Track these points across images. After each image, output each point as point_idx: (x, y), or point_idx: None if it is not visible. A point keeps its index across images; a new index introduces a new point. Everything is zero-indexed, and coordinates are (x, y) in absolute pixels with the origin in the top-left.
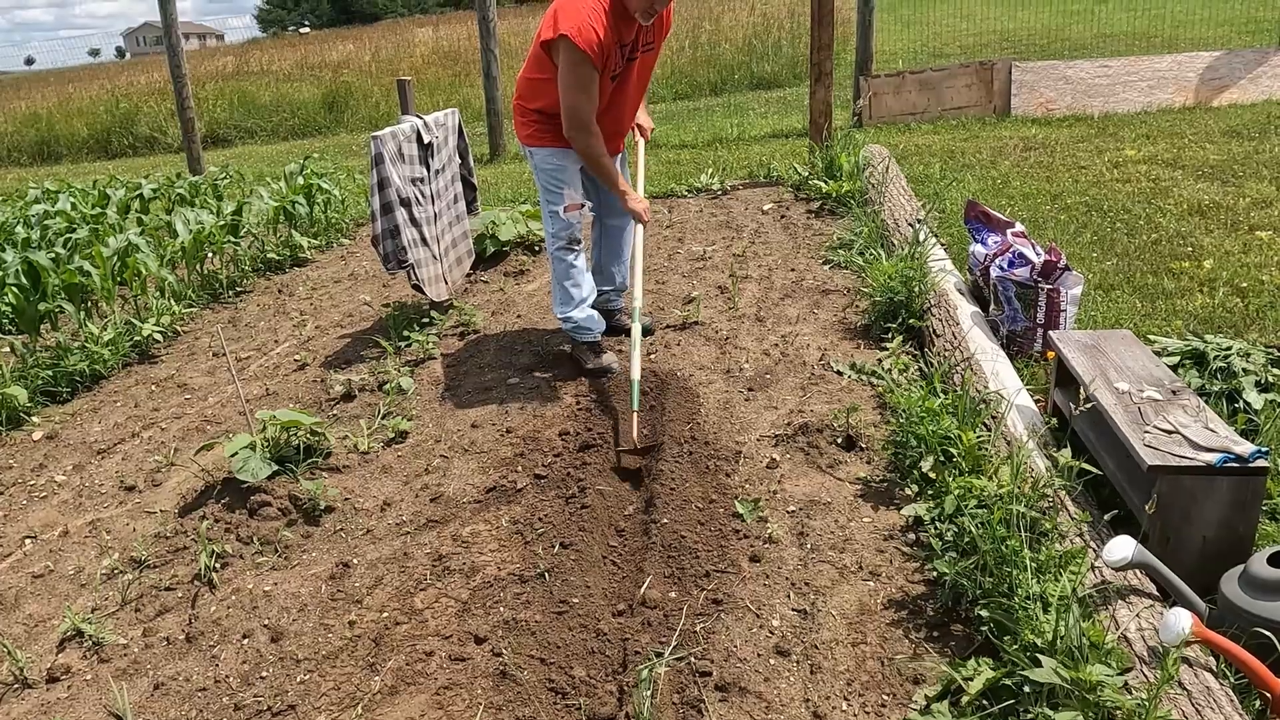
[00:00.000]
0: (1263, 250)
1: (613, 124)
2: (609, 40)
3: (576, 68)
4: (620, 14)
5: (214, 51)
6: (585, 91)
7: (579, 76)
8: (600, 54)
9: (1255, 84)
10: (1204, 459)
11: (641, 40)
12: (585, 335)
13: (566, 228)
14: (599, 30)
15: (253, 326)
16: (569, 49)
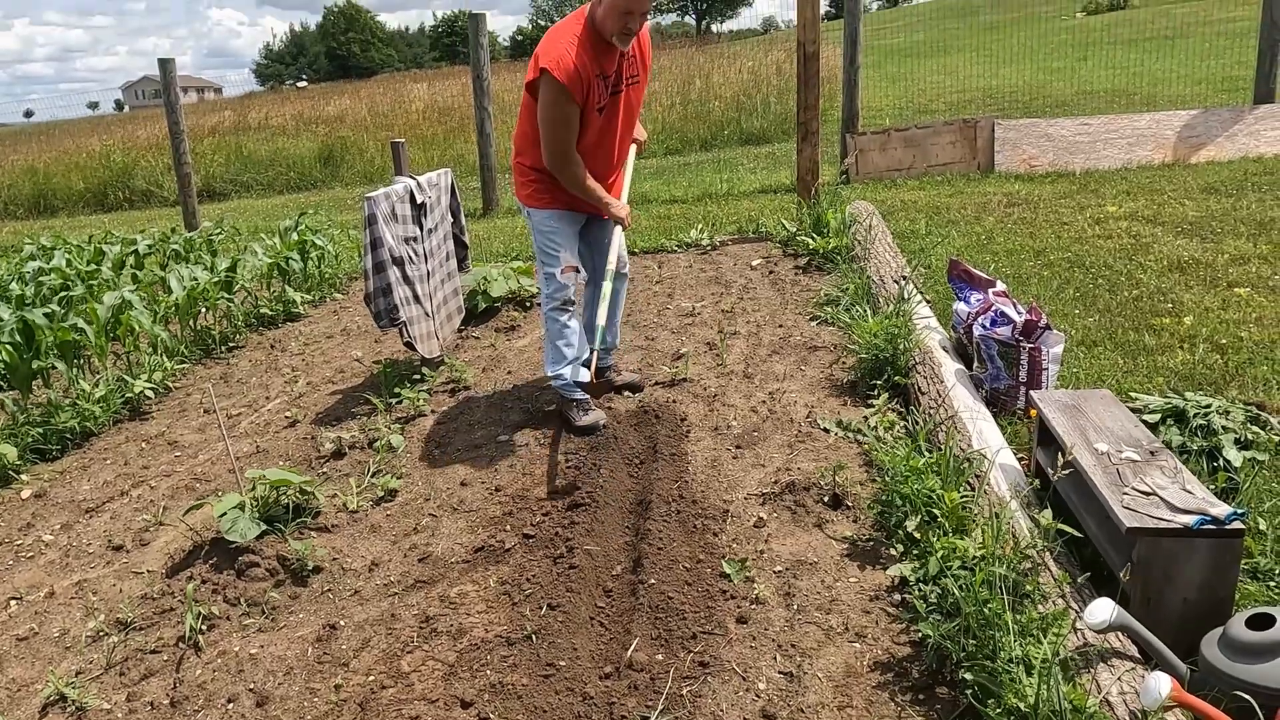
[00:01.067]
0: (1241, 307)
1: (603, 161)
2: (588, 72)
3: (556, 101)
4: (597, 44)
5: (212, 105)
6: (565, 124)
7: (560, 110)
8: (580, 85)
9: (1231, 141)
10: (1181, 521)
11: (626, 73)
12: (575, 393)
13: (561, 289)
14: (577, 62)
15: (244, 382)
16: (548, 83)
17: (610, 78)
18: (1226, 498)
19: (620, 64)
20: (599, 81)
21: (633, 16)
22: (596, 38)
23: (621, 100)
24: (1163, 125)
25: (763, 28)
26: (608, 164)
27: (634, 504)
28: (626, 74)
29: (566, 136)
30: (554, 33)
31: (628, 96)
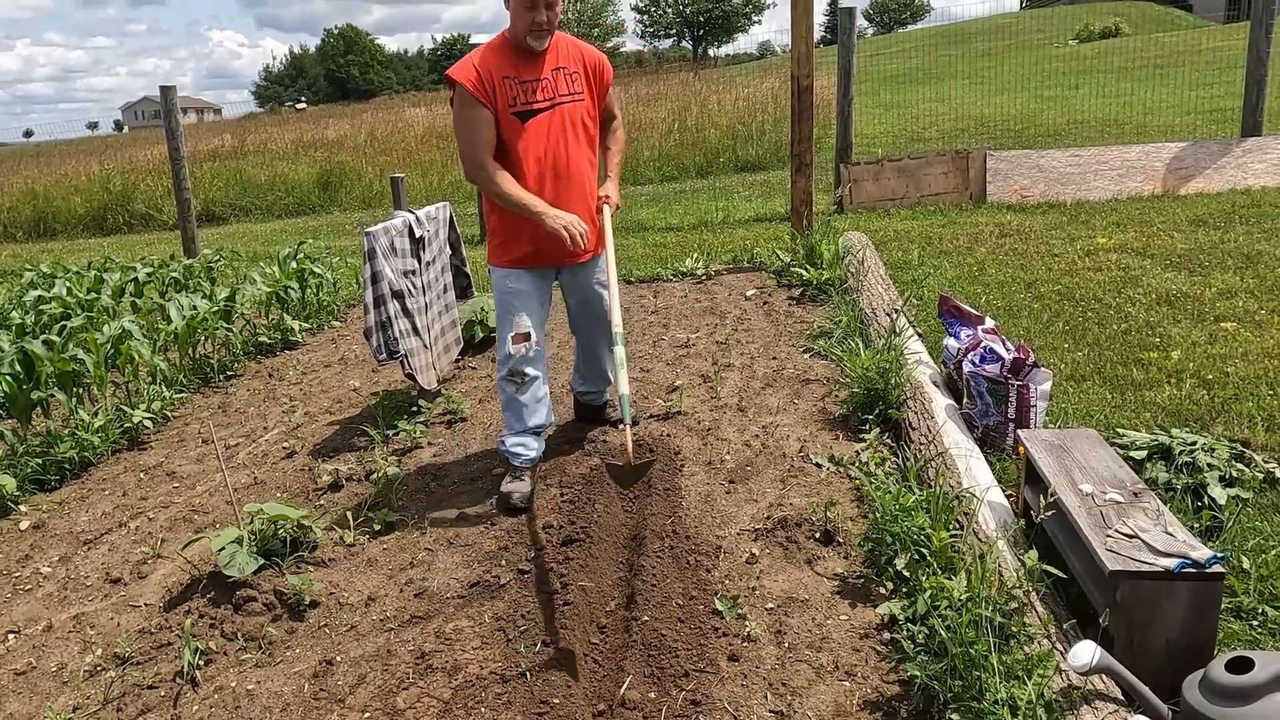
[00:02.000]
0: (1228, 342)
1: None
2: (492, 72)
3: (460, 107)
4: (514, 50)
5: (212, 127)
6: (471, 127)
7: (463, 114)
8: (483, 85)
9: (1220, 174)
10: (1163, 564)
11: (564, 86)
12: (511, 459)
13: (509, 359)
14: (478, 63)
15: (242, 412)
16: (454, 91)
17: (533, 83)
18: (1211, 536)
19: (551, 75)
20: (510, 84)
21: (537, 9)
22: (512, 45)
23: (563, 115)
24: (1152, 157)
25: (759, 52)
26: (564, 187)
27: (628, 539)
28: (566, 87)
29: (474, 140)
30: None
31: (572, 113)
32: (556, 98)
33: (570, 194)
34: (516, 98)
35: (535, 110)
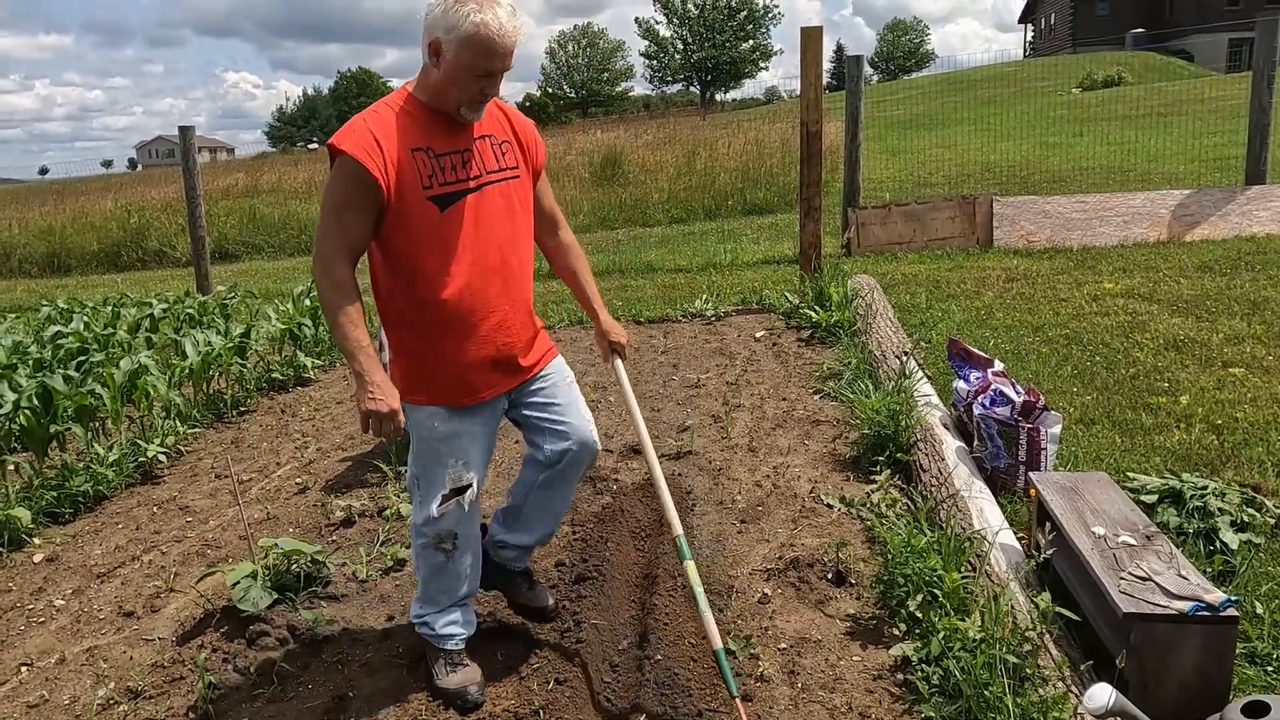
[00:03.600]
0: (1236, 387)
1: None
2: (394, 141)
3: (338, 183)
4: (426, 117)
5: (226, 166)
6: (342, 219)
7: (338, 197)
8: (378, 160)
9: (1225, 221)
10: (1176, 607)
11: (495, 161)
12: (445, 643)
13: (433, 523)
14: (376, 130)
15: (255, 448)
16: (333, 161)
17: (453, 157)
18: (1224, 580)
19: (477, 146)
20: (424, 158)
21: (493, 79)
22: (424, 111)
23: (496, 196)
24: (1157, 204)
25: (765, 97)
26: (502, 292)
27: (640, 578)
28: (496, 161)
29: (338, 231)
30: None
31: (506, 193)
32: (484, 174)
33: (512, 300)
34: (433, 176)
35: (457, 193)
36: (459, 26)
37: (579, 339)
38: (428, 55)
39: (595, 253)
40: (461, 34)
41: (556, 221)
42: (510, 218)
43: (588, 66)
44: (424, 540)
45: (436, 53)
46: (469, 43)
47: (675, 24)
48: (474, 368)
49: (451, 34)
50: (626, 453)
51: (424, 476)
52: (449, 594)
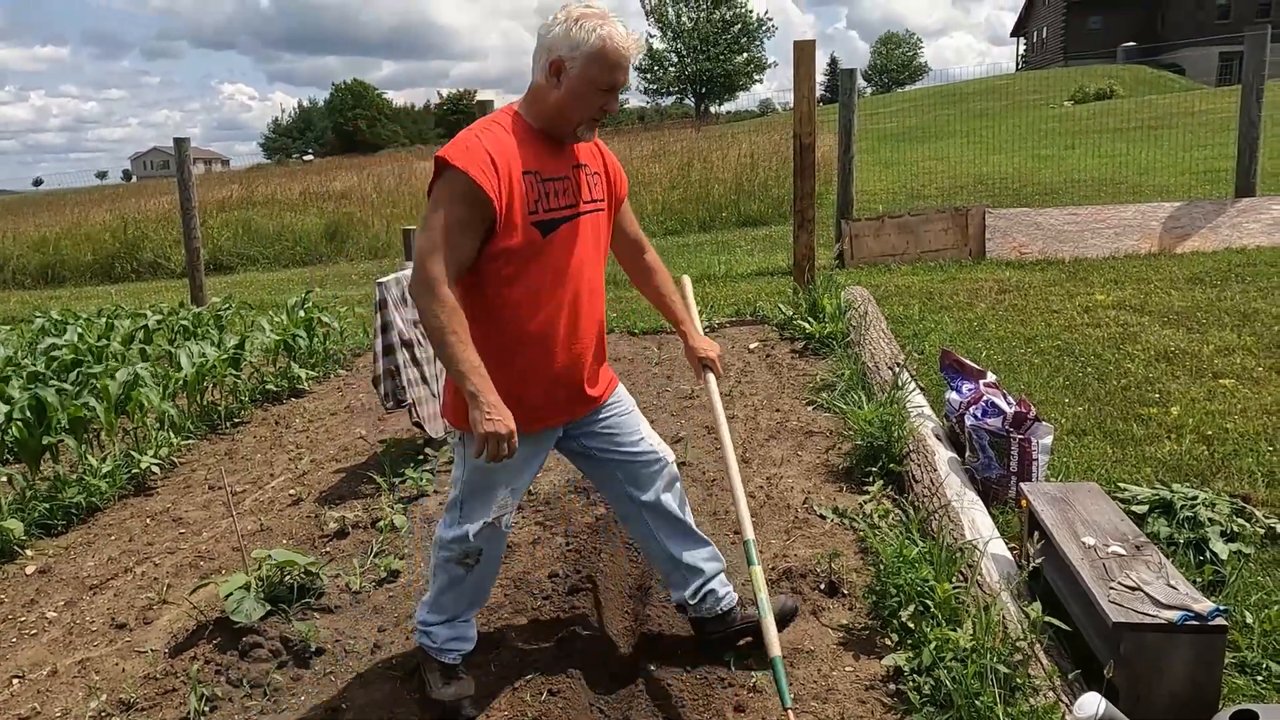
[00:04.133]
0: (1226, 398)
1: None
2: (510, 161)
3: (448, 200)
4: (534, 138)
5: (220, 177)
6: (452, 236)
7: (448, 215)
8: (494, 180)
9: (1215, 233)
10: (1165, 617)
11: (588, 192)
12: (444, 656)
13: (463, 541)
14: (492, 148)
15: (249, 459)
16: (442, 178)
17: (557, 184)
18: (1214, 590)
19: (574, 173)
20: (532, 180)
21: (614, 94)
22: (535, 130)
23: (585, 229)
24: (1148, 216)
25: (760, 109)
26: (583, 324)
27: (634, 589)
28: (588, 192)
29: (447, 246)
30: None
31: (594, 225)
32: (580, 204)
33: (589, 332)
34: (539, 201)
35: (559, 219)
36: (586, 43)
37: None
38: (546, 75)
39: None
40: (589, 50)
41: (642, 245)
42: (596, 248)
43: None
44: (448, 554)
45: (558, 71)
46: (596, 58)
47: (670, 37)
48: (546, 395)
49: (577, 51)
50: None
51: (469, 501)
52: (459, 606)
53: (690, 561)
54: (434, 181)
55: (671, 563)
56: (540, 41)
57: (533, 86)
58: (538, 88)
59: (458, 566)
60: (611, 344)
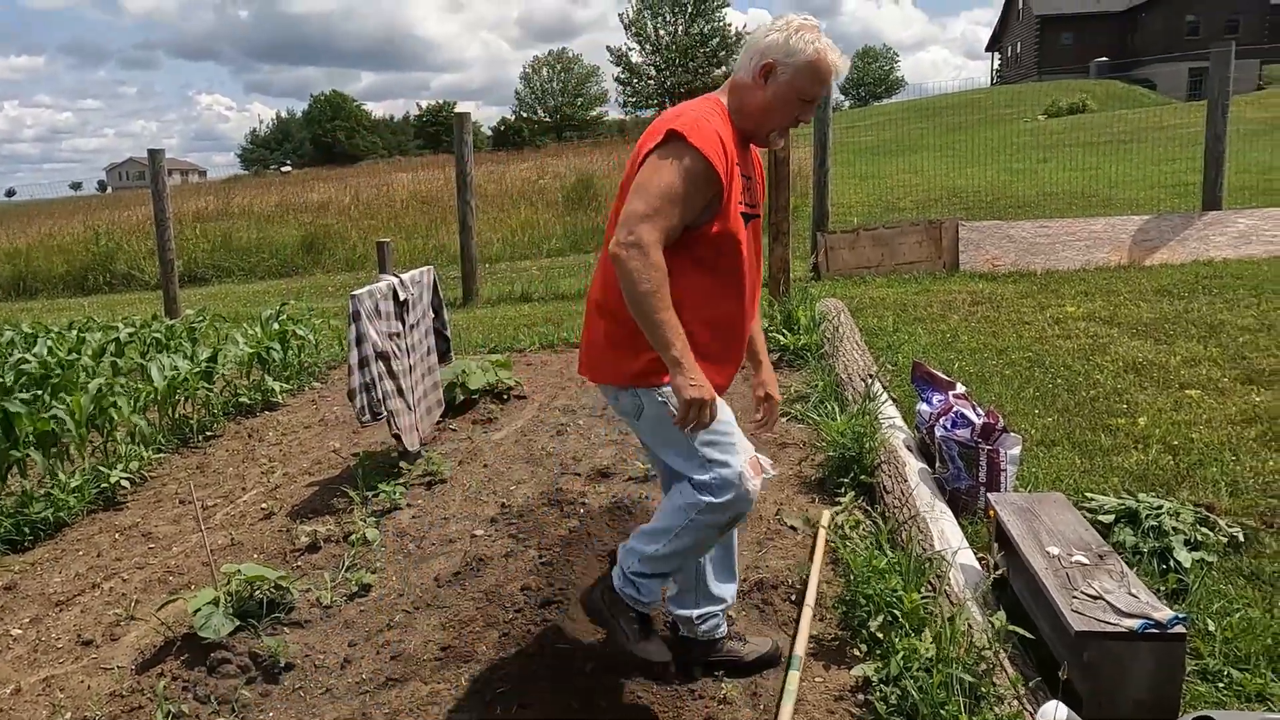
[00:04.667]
0: (1192, 408)
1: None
2: (731, 150)
3: (677, 171)
4: (737, 135)
5: (197, 188)
6: (674, 203)
7: (675, 183)
8: (724, 161)
9: (1183, 245)
10: (1126, 625)
11: (760, 190)
12: (645, 596)
13: (743, 496)
14: (725, 138)
15: (221, 473)
16: (669, 145)
17: (749, 182)
18: (1177, 599)
19: (758, 177)
20: (737, 173)
21: (812, 106)
22: (734, 127)
23: (756, 230)
24: (1118, 229)
25: None
26: (744, 329)
27: None
28: (760, 198)
29: (666, 217)
30: (680, 107)
31: (757, 230)
32: (758, 206)
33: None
34: (744, 193)
35: (749, 215)
36: (802, 53)
37: (548, 362)
38: (756, 77)
39: (567, 276)
40: (803, 60)
41: None
42: (759, 253)
43: (562, 91)
44: (724, 516)
45: (768, 74)
46: (808, 69)
47: (648, 51)
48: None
49: (791, 59)
50: (594, 476)
51: (711, 449)
52: (681, 565)
53: (716, 591)
54: (657, 149)
55: (697, 581)
56: (754, 44)
57: (736, 84)
58: (744, 87)
59: (715, 534)
60: None
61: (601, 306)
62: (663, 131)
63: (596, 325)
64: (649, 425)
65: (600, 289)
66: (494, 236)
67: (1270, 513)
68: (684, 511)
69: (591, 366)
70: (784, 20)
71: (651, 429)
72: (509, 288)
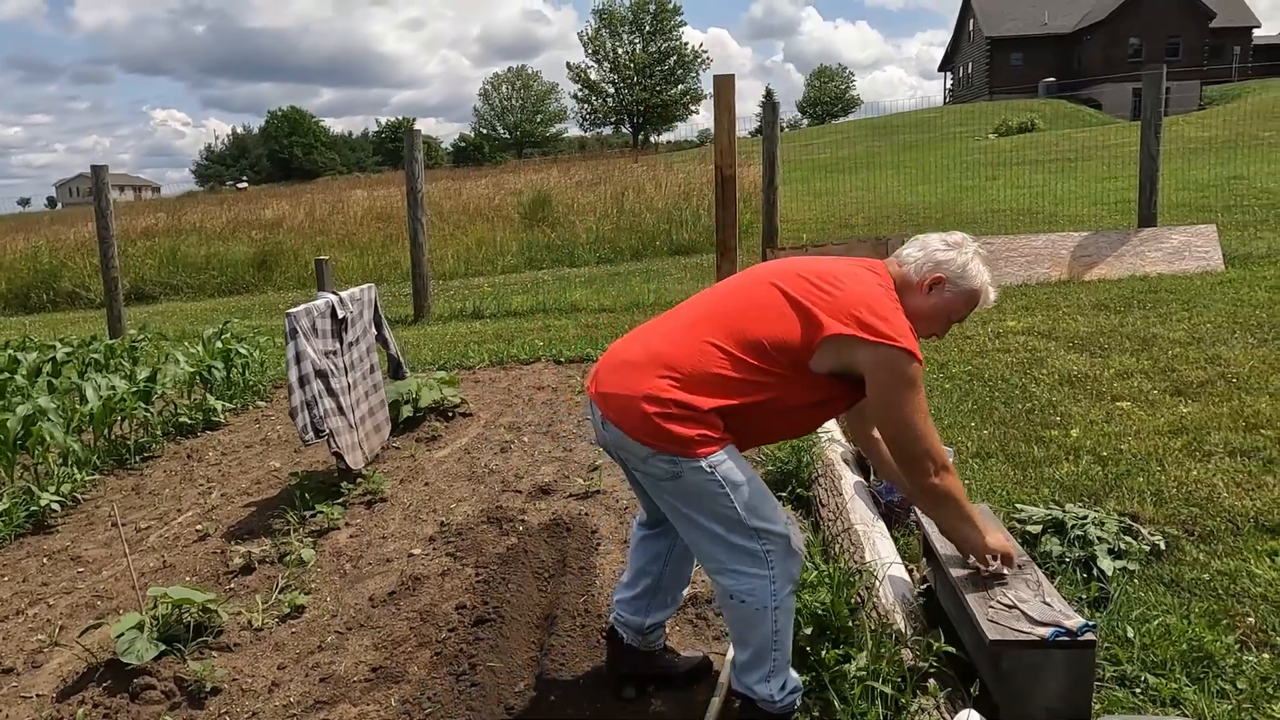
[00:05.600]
0: (1123, 420)
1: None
2: None
3: (917, 385)
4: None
5: (149, 204)
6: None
7: (921, 397)
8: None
9: (1120, 261)
10: (1039, 633)
11: None
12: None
13: (799, 556)
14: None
15: (157, 494)
16: (905, 362)
17: None
18: (1099, 606)
19: None
20: None
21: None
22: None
23: None
24: (1058, 245)
25: (699, 139)
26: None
27: (541, 619)
28: None
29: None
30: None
31: None
32: None
33: None
34: None
35: None
36: (971, 282)
37: (497, 379)
38: (923, 282)
39: (520, 293)
40: (969, 288)
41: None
42: None
43: (521, 108)
44: (786, 588)
45: (934, 285)
46: (969, 298)
47: (606, 68)
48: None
49: (960, 282)
50: (535, 493)
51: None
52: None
53: (672, 600)
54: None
55: (655, 590)
56: (935, 252)
57: (904, 277)
58: (909, 284)
59: (793, 597)
60: (537, 371)
61: (672, 370)
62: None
63: (653, 383)
64: (684, 492)
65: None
66: (448, 253)
67: (1191, 520)
68: (763, 613)
69: (627, 420)
70: (966, 243)
71: (687, 497)
72: (462, 304)
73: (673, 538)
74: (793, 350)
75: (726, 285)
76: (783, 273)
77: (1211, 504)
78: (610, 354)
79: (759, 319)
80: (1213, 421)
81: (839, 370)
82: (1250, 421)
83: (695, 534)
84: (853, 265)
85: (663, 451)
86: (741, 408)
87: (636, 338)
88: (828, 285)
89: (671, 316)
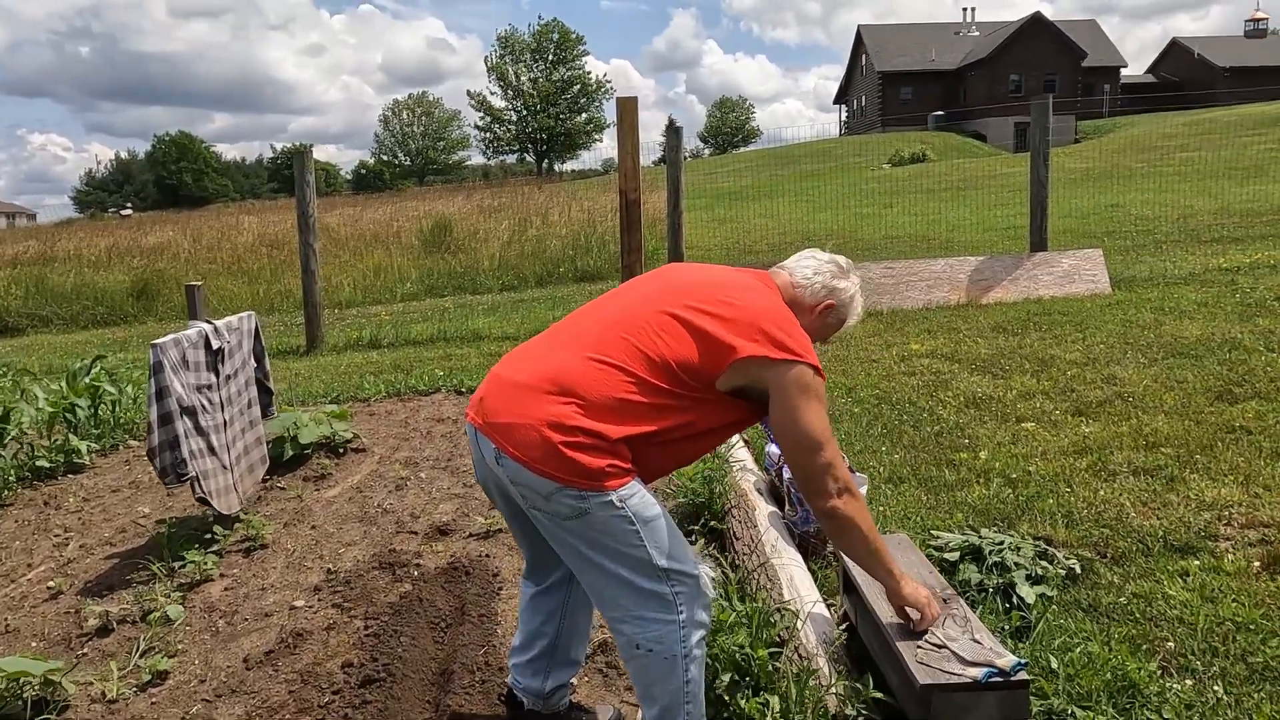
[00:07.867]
0: (1029, 441)
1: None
2: None
3: (818, 398)
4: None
5: (22, 232)
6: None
7: (823, 412)
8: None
9: (1015, 284)
10: (970, 675)
11: None
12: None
13: (708, 598)
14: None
15: (5, 548)
16: (811, 378)
17: None
18: (1022, 636)
19: None
20: None
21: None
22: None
23: None
24: (956, 270)
25: (603, 168)
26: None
27: (437, 675)
28: None
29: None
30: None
31: None
32: None
33: None
34: None
35: None
36: (853, 314)
37: (394, 412)
38: (815, 304)
39: (420, 321)
40: (849, 318)
41: None
42: None
43: (423, 135)
44: (700, 635)
45: (825, 311)
46: (842, 324)
47: (510, 96)
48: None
49: (845, 312)
50: (433, 534)
51: (666, 559)
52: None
53: (574, 656)
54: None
55: (553, 650)
56: (831, 279)
57: (797, 299)
58: (801, 305)
59: (704, 643)
60: (437, 403)
61: (572, 394)
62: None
63: (554, 409)
64: (589, 531)
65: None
66: (345, 280)
67: (1103, 542)
68: (672, 662)
69: (529, 451)
70: (848, 264)
71: (592, 537)
72: (358, 333)
73: (566, 590)
74: (701, 371)
75: (617, 300)
76: (674, 292)
77: (1121, 524)
78: (493, 379)
79: (660, 339)
80: (1114, 441)
81: (742, 388)
82: (1150, 440)
83: (598, 579)
84: (741, 275)
85: (569, 485)
86: (655, 434)
87: (523, 358)
88: (727, 300)
89: (559, 334)
